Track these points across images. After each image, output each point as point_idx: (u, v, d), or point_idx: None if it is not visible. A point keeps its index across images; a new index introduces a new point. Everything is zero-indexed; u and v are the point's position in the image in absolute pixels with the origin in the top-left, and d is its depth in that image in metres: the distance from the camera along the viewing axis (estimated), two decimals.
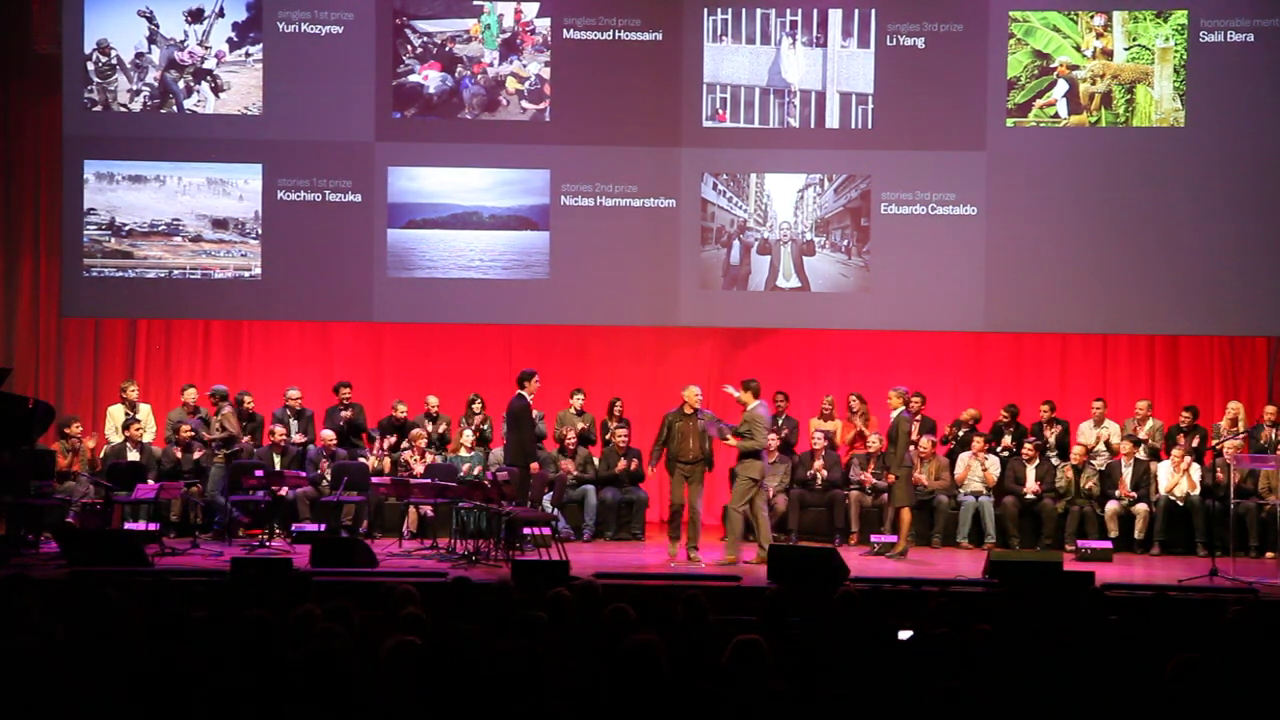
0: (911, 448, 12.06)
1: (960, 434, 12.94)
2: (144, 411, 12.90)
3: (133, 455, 12.30)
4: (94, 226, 12.99)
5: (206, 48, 12.95)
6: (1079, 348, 14.00)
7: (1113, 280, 12.81)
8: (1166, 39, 12.76)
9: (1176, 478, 12.22)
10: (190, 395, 12.90)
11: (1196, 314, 12.90)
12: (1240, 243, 12.69)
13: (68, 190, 12.97)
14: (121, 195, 13.02)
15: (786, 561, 9.85)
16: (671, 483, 11.45)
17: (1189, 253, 12.74)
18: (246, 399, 12.97)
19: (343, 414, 12.92)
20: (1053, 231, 12.84)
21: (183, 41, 12.95)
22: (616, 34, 12.99)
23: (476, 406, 13.15)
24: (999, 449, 12.90)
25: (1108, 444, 12.73)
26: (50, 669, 4.54)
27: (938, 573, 10.70)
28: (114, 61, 12.90)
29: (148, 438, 12.76)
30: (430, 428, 12.97)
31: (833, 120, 12.98)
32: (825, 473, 12.63)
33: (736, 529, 11.17)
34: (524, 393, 11.43)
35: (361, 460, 12.53)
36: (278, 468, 12.25)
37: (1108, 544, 11.98)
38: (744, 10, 12.95)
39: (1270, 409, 12.54)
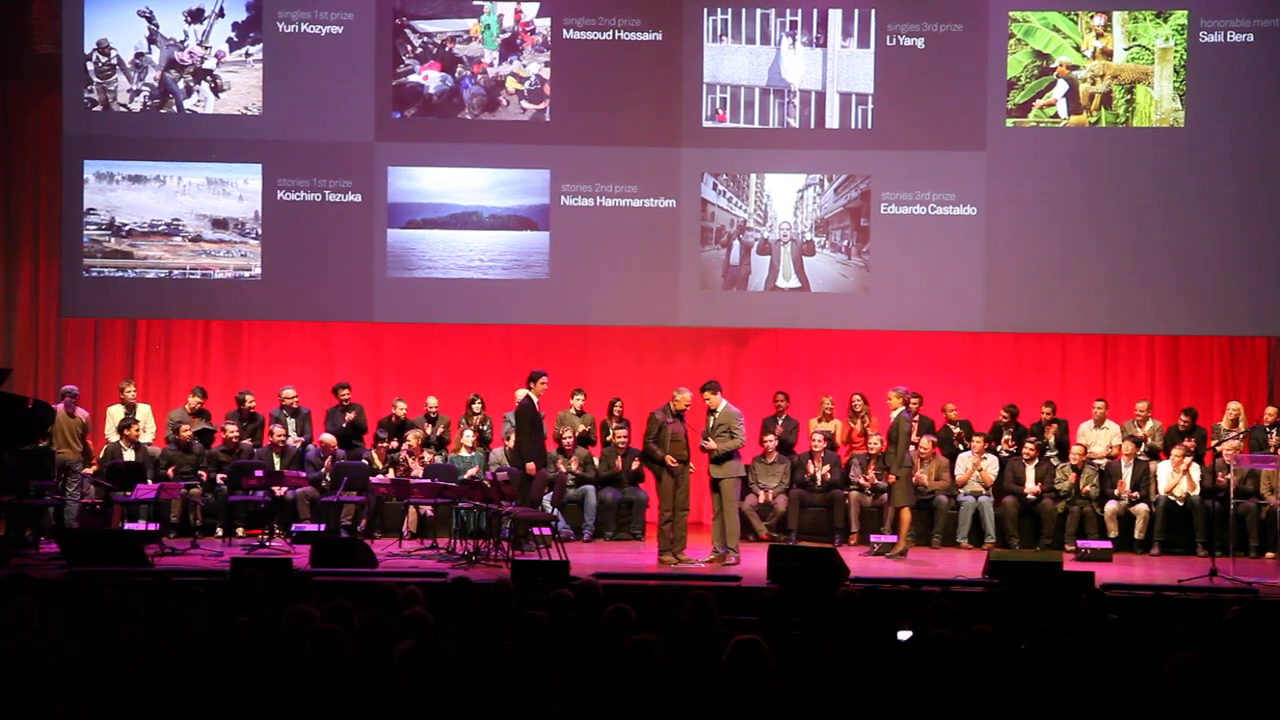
0: (911, 448, 12.06)
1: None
2: (143, 412, 12.90)
3: (129, 455, 12.30)
4: (94, 226, 12.99)
5: (206, 48, 12.95)
6: (1079, 348, 13.99)
7: (1113, 280, 12.81)
8: (1166, 39, 12.76)
9: (1176, 478, 12.22)
10: (194, 401, 12.90)
11: (1197, 314, 12.90)
12: (1241, 243, 12.69)
13: (68, 190, 12.97)
14: (121, 195, 13.02)
15: (786, 561, 9.84)
16: (662, 484, 11.17)
17: (1189, 253, 12.74)
18: (248, 399, 12.97)
19: (347, 415, 12.92)
20: (1052, 232, 12.84)
21: (183, 41, 12.95)
22: (616, 34, 12.99)
23: (476, 406, 13.15)
24: (999, 449, 12.91)
25: (1109, 457, 12.69)
26: (50, 669, 4.54)
27: (938, 573, 10.69)
28: (114, 61, 12.90)
29: (147, 438, 12.77)
30: (429, 429, 12.96)
31: (833, 120, 12.98)
32: (826, 473, 12.63)
33: (736, 528, 11.17)
34: (530, 393, 11.41)
35: (364, 460, 12.53)
36: (278, 468, 12.26)
37: (1108, 544, 11.98)
38: (744, 10, 12.95)
39: (1271, 410, 12.53)
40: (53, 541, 10.87)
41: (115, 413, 12.80)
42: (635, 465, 12.78)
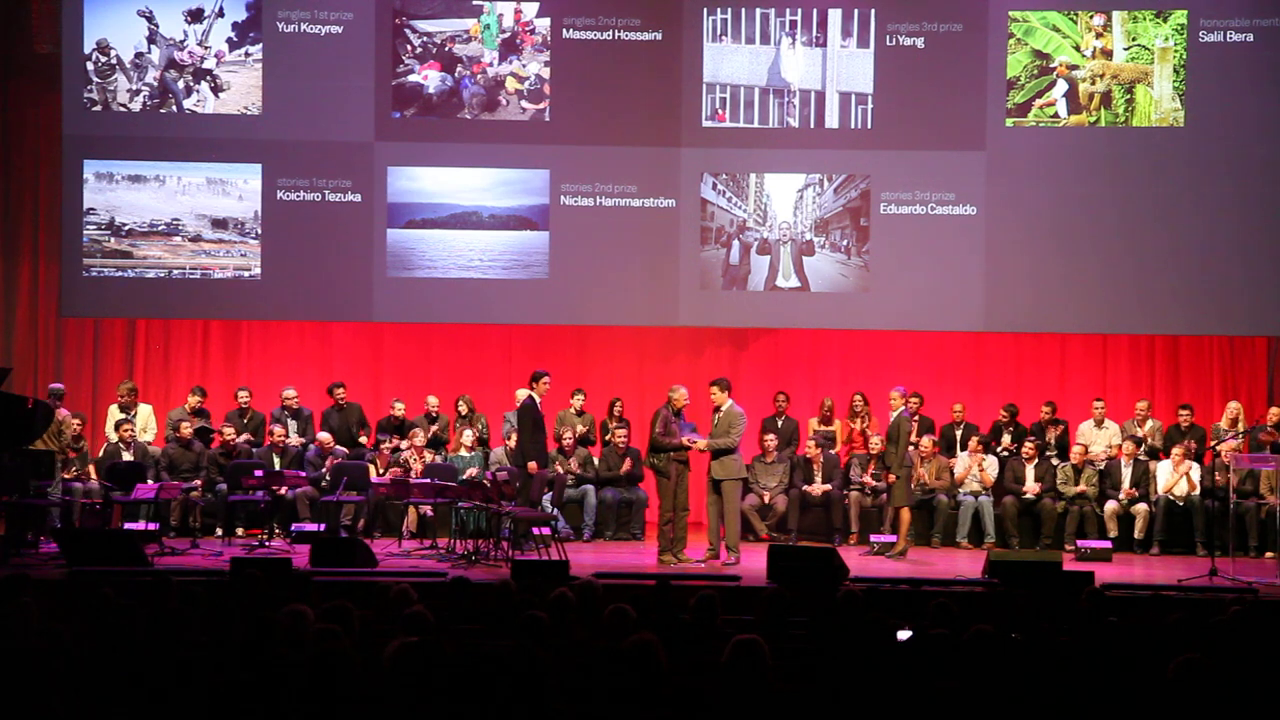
0: (911, 448, 12.06)
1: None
2: (143, 412, 12.90)
3: (126, 455, 12.29)
4: (94, 226, 12.99)
5: (206, 48, 12.95)
6: (1079, 348, 14.00)
7: (1113, 280, 12.82)
8: (1166, 39, 12.77)
9: (1176, 478, 12.22)
10: (194, 400, 12.91)
11: (1196, 314, 12.91)
12: (1240, 242, 12.70)
13: (67, 190, 12.97)
14: (121, 195, 13.02)
15: (786, 561, 9.83)
16: (661, 484, 11.16)
17: (1189, 253, 12.75)
18: (241, 395, 12.96)
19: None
20: (1052, 231, 12.84)
21: (182, 41, 12.95)
22: (616, 34, 12.99)
23: (463, 408, 13.11)
24: (998, 449, 12.92)
25: (1109, 457, 12.69)
26: (50, 669, 4.54)
27: (938, 573, 10.68)
28: (114, 61, 12.90)
29: (147, 437, 12.76)
30: (429, 428, 12.96)
31: (832, 120, 12.98)
32: (824, 480, 12.59)
33: (737, 529, 11.20)
34: (532, 393, 11.40)
35: (368, 461, 12.53)
36: (277, 468, 12.25)
37: (1107, 544, 11.98)
38: (744, 10, 12.95)
39: (1274, 410, 12.53)
40: (53, 541, 10.87)
41: (115, 412, 12.80)
42: (627, 466, 12.73)
